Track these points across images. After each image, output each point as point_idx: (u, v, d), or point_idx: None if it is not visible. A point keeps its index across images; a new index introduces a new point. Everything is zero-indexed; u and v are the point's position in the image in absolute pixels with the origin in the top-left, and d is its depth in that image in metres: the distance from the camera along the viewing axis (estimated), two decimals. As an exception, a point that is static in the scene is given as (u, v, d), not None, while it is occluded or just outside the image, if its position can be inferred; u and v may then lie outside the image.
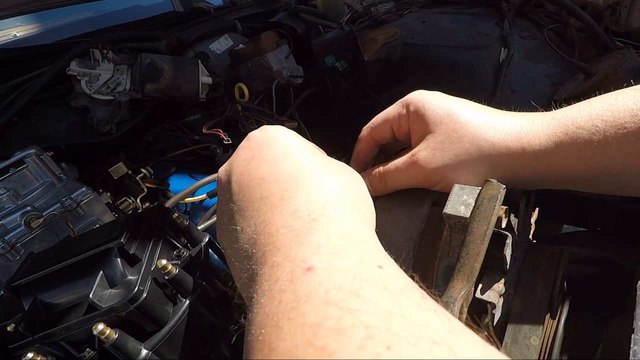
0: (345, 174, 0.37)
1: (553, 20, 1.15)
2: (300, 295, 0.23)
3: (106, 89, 1.02)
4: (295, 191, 0.33)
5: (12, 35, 1.84)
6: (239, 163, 0.38)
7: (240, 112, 1.07)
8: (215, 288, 0.54)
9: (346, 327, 0.21)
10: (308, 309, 0.22)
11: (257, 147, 0.38)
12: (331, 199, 0.32)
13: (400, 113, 0.45)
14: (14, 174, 0.77)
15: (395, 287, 0.24)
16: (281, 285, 0.25)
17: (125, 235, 0.47)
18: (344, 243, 0.27)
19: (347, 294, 0.23)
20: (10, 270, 0.70)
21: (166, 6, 1.87)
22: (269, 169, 0.35)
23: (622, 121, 0.35)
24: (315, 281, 0.24)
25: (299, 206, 0.31)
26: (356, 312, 0.21)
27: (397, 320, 0.21)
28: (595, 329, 0.49)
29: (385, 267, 0.26)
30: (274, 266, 0.27)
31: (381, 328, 0.20)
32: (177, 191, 0.93)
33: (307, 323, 0.22)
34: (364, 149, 0.49)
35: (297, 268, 0.25)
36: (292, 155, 0.36)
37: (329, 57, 1.21)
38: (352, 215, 0.32)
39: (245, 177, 0.36)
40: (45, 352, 0.42)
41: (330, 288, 0.23)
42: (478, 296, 0.36)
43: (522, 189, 0.44)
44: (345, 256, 0.26)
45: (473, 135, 0.40)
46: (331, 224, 0.29)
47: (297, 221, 0.30)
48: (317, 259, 0.26)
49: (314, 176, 0.34)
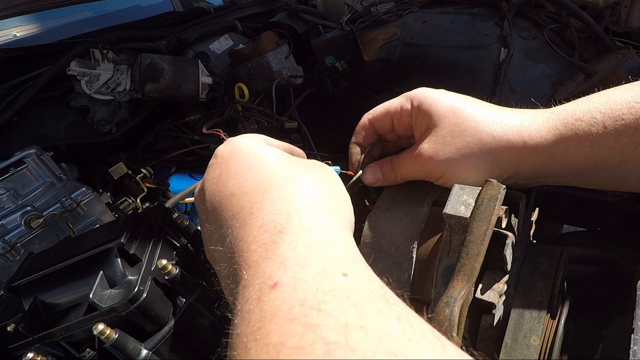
0: (314, 174, 0.37)
1: (553, 20, 1.15)
2: (266, 314, 0.24)
3: (106, 89, 1.02)
4: (262, 203, 0.33)
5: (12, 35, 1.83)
6: (209, 182, 0.38)
7: (240, 112, 1.07)
8: (215, 288, 0.54)
9: (307, 345, 0.21)
10: (273, 327, 0.23)
11: (225, 163, 0.38)
12: (297, 206, 0.32)
13: (403, 107, 0.46)
14: (14, 174, 0.76)
15: (358, 295, 0.24)
16: (250, 305, 0.26)
17: (125, 235, 0.47)
18: (309, 252, 0.28)
19: (310, 309, 0.23)
20: (10, 270, 0.70)
21: (166, 6, 1.87)
22: (236, 183, 0.35)
23: (619, 113, 0.36)
24: (280, 298, 0.25)
25: (265, 219, 0.31)
26: (317, 328, 0.22)
27: (355, 333, 0.22)
28: (595, 329, 0.49)
29: (350, 274, 0.26)
30: (245, 286, 0.28)
31: (340, 342, 0.21)
32: (177, 191, 0.94)
33: (271, 343, 0.22)
34: (362, 135, 0.50)
35: (264, 285, 0.26)
36: (257, 164, 0.36)
37: (329, 57, 1.21)
38: (320, 217, 0.32)
39: (216, 196, 0.36)
40: (45, 352, 0.42)
41: (295, 304, 0.24)
42: (478, 296, 0.36)
43: (523, 185, 0.44)
44: (310, 267, 0.27)
45: (475, 129, 0.41)
46: (296, 234, 0.29)
47: (264, 235, 0.30)
48: (282, 274, 0.26)
49: (280, 183, 0.34)
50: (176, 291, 0.48)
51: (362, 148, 0.50)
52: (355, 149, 0.50)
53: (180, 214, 0.58)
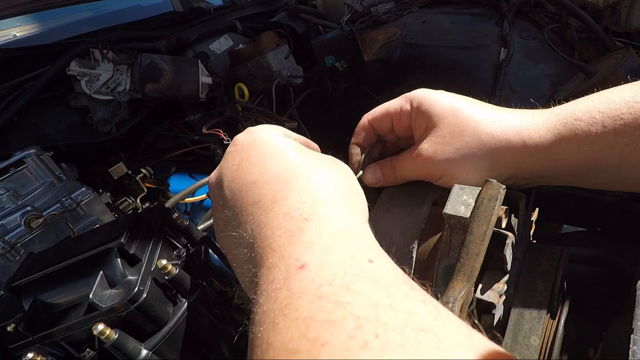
0: (334, 169, 0.37)
1: (553, 20, 1.15)
2: (295, 292, 0.24)
3: (106, 89, 1.02)
4: (287, 192, 0.33)
5: (12, 35, 1.83)
6: (228, 169, 0.38)
7: (240, 112, 1.07)
8: (215, 288, 0.54)
9: (337, 319, 0.22)
10: (302, 304, 0.23)
11: (245, 151, 0.38)
12: (322, 196, 0.33)
13: (403, 108, 0.46)
14: (14, 174, 0.77)
15: (385, 279, 0.25)
16: (277, 284, 0.26)
17: (125, 235, 0.47)
18: (335, 240, 0.28)
19: (339, 288, 0.24)
20: (10, 270, 0.70)
21: (166, 6, 1.87)
22: (258, 172, 0.36)
23: (618, 112, 0.36)
24: (308, 277, 0.25)
25: (291, 207, 0.31)
26: (347, 305, 0.22)
27: (385, 311, 0.22)
28: (595, 329, 0.49)
29: (375, 261, 0.27)
30: (270, 267, 0.28)
31: (370, 318, 0.21)
32: (177, 191, 0.93)
33: (300, 317, 0.23)
34: (362, 135, 0.50)
35: (291, 267, 0.26)
36: (279, 155, 0.37)
37: (329, 57, 1.21)
38: (344, 210, 0.32)
39: (236, 183, 0.36)
40: (45, 352, 0.42)
41: (323, 283, 0.24)
42: (478, 296, 0.36)
43: (523, 185, 0.44)
44: (337, 252, 0.27)
45: (474, 129, 0.41)
46: (323, 222, 0.30)
47: (290, 222, 0.30)
48: (309, 257, 0.27)
49: (303, 175, 0.35)
50: (176, 291, 0.48)
51: (362, 148, 0.50)
52: (355, 149, 0.50)
53: (180, 214, 0.58)
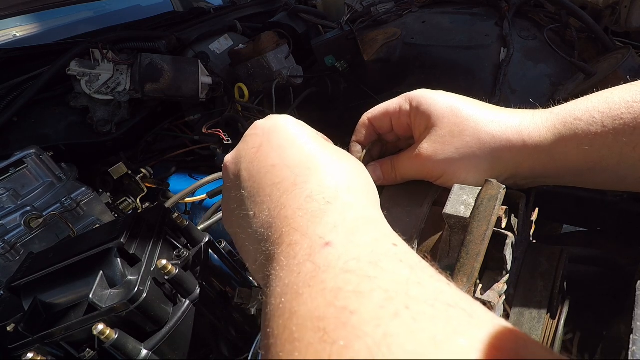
0: (351, 161, 0.38)
1: (553, 20, 1.15)
2: (320, 265, 0.24)
3: (106, 89, 1.02)
4: (308, 177, 0.33)
5: (12, 35, 1.83)
6: (248, 151, 0.39)
7: (240, 112, 1.07)
8: (215, 288, 0.54)
9: (366, 291, 0.22)
10: (327, 277, 0.23)
11: (265, 135, 0.39)
12: (343, 184, 0.33)
13: (402, 108, 0.46)
14: (14, 174, 0.77)
15: (410, 261, 0.25)
16: (300, 259, 0.26)
17: (125, 235, 0.47)
18: (359, 224, 0.28)
19: (366, 264, 0.24)
20: (10, 270, 0.70)
21: (166, 6, 1.87)
22: (279, 156, 0.36)
23: (618, 112, 0.36)
24: (334, 254, 0.25)
25: (313, 190, 0.32)
26: (375, 279, 0.22)
27: (414, 287, 0.22)
28: (595, 329, 0.49)
29: (399, 245, 0.27)
30: (292, 244, 0.28)
31: (399, 292, 0.21)
32: (177, 191, 0.93)
33: (327, 288, 0.22)
34: (363, 133, 0.50)
35: (316, 244, 0.26)
36: (300, 142, 0.37)
37: (329, 57, 1.21)
38: (364, 199, 0.33)
39: (255, 165, 0.37)
40: (45, 352, 0.42)
41: (349, 259, 0.24)
42: (478, 296, 0.36)
43: (523, 186, 0.44)
44: (361, 234, 0.27)
45: (474, 129, 0.41)
46: (345, 207, 0.30)
47: (313, 204, 0.30)
48: (334, 236, 0.27)
49: (324, 162, 0.35)
50: (176, 291, 0.48)
51: (362, 146, 0.50)
52: (355, 147, 0.50)
53: (180, 214, 0.58)
